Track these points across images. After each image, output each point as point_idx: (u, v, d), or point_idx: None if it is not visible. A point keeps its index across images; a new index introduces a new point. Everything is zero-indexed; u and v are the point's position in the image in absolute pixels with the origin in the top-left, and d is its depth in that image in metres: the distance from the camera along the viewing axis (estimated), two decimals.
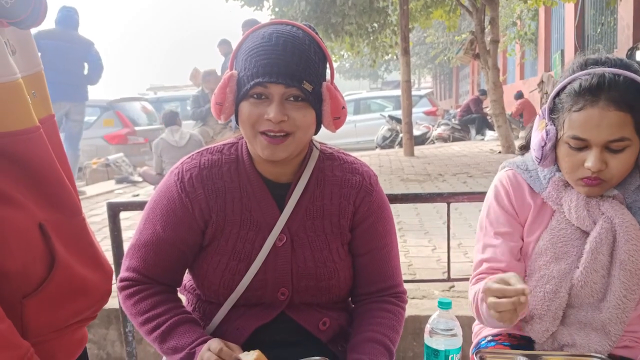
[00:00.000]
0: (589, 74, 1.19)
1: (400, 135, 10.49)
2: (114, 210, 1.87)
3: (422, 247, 3.52)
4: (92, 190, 6.75)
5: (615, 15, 9.90)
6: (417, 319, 2.37)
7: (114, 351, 2.61)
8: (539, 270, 1.29)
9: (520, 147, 1.44)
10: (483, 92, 12.73)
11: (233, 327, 1.24)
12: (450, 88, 32.68)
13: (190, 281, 1.32)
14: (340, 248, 1.26)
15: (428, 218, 4.36)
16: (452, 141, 12.17)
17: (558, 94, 1.24)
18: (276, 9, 9.91)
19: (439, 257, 3.26)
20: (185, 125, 6.63)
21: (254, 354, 1.07)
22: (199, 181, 1.21)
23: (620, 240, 1.23)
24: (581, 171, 1.21)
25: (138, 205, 1.90)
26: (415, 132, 10.53)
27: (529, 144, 1.35)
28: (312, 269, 1.23)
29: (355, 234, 1.28)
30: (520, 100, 12.83)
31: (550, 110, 1.26)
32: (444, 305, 1.11)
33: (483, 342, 1.42)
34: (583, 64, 1.24)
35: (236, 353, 1.10)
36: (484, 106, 12.91)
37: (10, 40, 0.89)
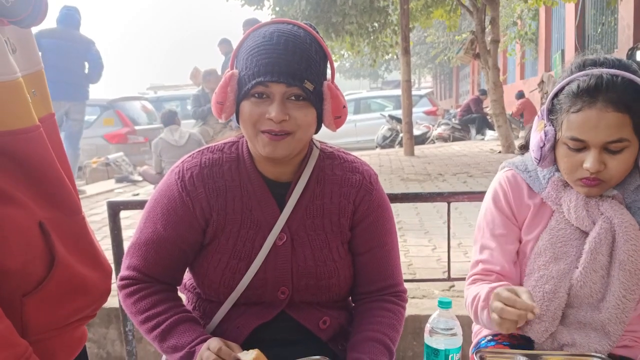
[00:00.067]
0: (587, 75, 1.19)
1: (401, 134, 10.49)
2: (114, 209, 1.88)
3: (422, 247, 3.52)
4: (92, 189, 6.75)
5: (616, 15, 9.91)
6: (417, 319, 2.37)
7: (114, 350, 2.61)
8: (538, 270, 1.29)
9: (520, 147, 1.44)
10: (483, 92, 12.73)
11: (233, 326, 1.24)
12: (451, 88, 32.68)
13: (190, 280, 1.32)
14: (340, 247, 1.26)
15: (428, 217, 4.36)
16: (452, 141, 12.17)
17: (556, 95, 1.24)
18: (277, 8, 9.90)
19: (439, 257, 3.26)
20: (186, 124, 6.63)
21: (253, 353, 1.07)
22: (200, 180, 1.21)
23: (620, 241, 1.23)
24: (580, 172, 1.21)
25: (138, 205, 1.90)
26: (416, 132, 10.52)
27: (528, 144, 1.35)
28: (312, 267, 1.23)
29: (355, 232, 1.28)
30: (521, 100, 12.82)
31: (549, 111, 1.26)
32: (444, 304, 1.11)
33: (483, 342, 1.42)
34: (581, 64, 1.23)
35: (235, 352, 1.10)
36: (484, 106, 12.90)
37: (11, 38, 0.89)
